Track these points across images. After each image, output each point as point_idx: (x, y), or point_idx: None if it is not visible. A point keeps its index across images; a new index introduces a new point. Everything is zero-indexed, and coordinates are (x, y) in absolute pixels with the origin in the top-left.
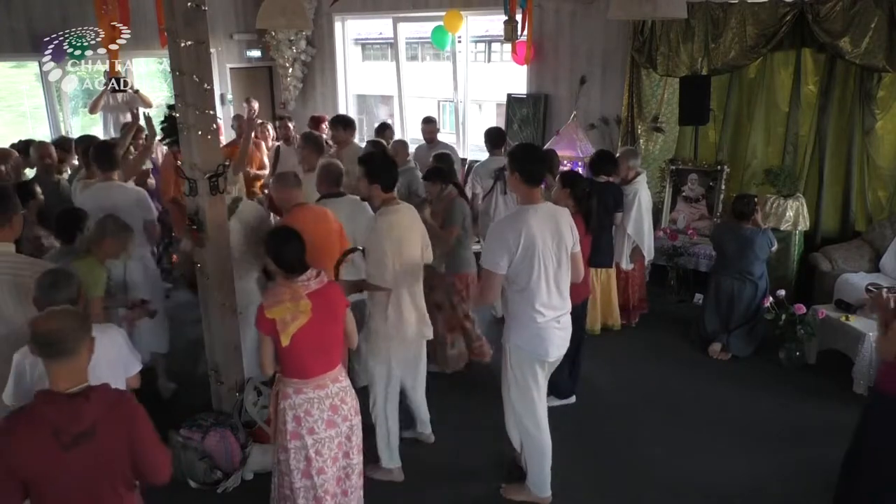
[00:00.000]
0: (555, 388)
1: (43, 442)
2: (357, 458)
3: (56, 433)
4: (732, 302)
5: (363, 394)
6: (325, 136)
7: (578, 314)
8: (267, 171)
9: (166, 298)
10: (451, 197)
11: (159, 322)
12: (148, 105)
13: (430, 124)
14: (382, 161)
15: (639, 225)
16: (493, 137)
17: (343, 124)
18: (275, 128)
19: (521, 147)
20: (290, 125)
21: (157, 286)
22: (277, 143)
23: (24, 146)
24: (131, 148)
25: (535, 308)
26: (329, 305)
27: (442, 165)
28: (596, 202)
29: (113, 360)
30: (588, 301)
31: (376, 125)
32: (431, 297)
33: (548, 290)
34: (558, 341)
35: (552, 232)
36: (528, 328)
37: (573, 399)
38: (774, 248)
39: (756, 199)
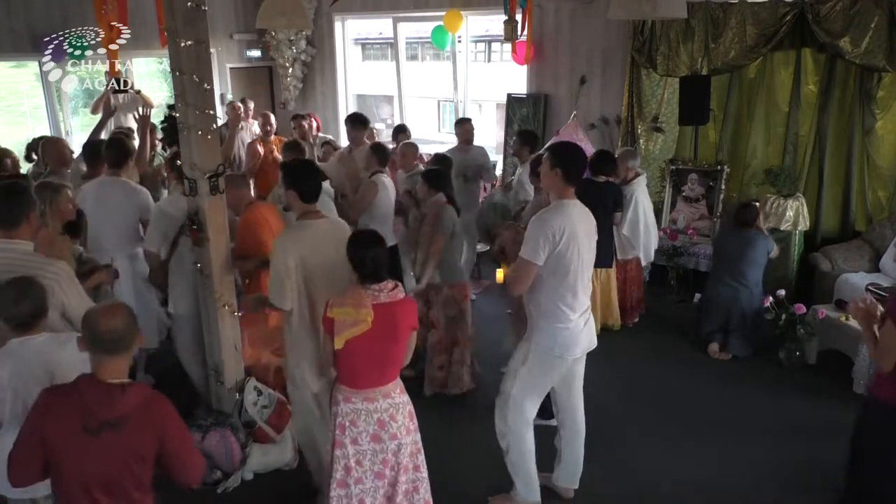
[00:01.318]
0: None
1: (70, 419)
2: (412, 476)
3: (85, 414)
4: (729, 309)
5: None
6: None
7: None
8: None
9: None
10: (440, 204)
11: (150, 318)
12: (149, 106)
13: (466, 124)
14: (303, 167)
15: (634, 226)
16: (532, 140)
17: (351, 122)
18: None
19: (564, 145)
20: (304, 123)
21: (146, 285)
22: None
23: (36, 144)
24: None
25: (570, 304)
26: (392, 322)
27: (442, 168)
28: (592, 204)
29: (80, 370)
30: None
31: (393, 126)
32: (428, 315)
33: (583, 286)
34: (585, 337)
35: (586, 228)
36: (562, 328)
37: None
38: (773, 253)
39: (758, 206)
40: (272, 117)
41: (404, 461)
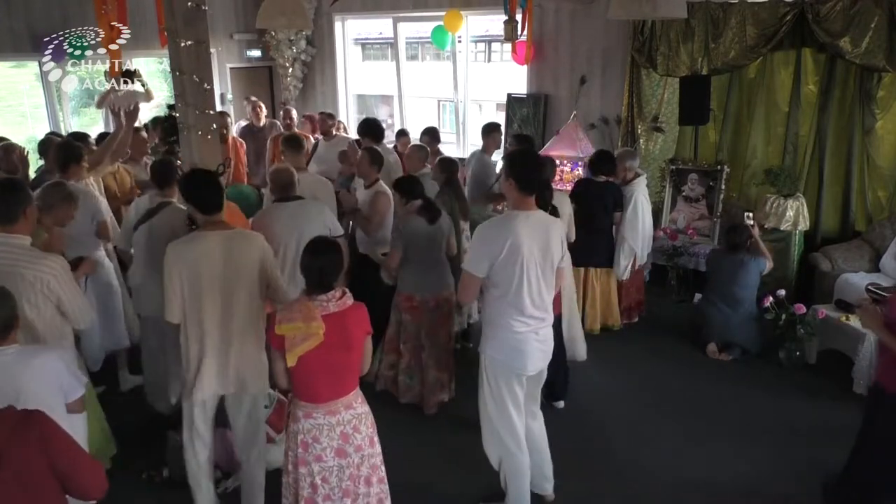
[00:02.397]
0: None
1: None
2: (376, 489)
3: None
4: (723, 330)
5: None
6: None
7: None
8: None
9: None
10: (408, 213)
11: (115, 319)
12: (150, 98)
13: (498, 130)
14: (196, 179)
15: (633, 226)
16: (528, 144)
17: (363, 132)
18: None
19: (519, 153)
20: (330, 121)
21: (111, 283)
22: (318, 137)
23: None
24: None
25: (515, 317)
26: (345, 331)
27: (415, 176)
28: (592, 204)
29: (48, 385)
30: (560, 318)
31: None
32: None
33: (530, 300)
34: (538, 354)
35: (540, 241)
36: (507, 339)
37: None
38: (766, 270)
39: (752, 224)
40: (293, 112)
41: (370, 474)
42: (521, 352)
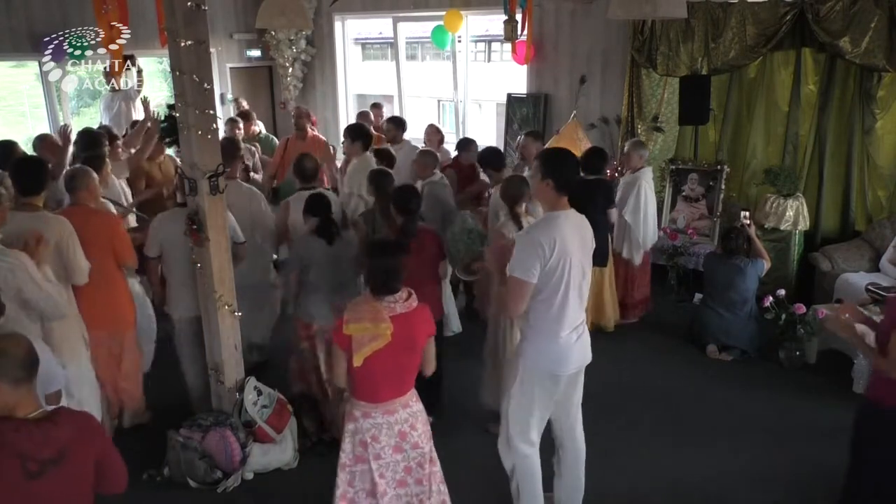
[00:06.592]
0: None
1: (8, 470)
2: (434, 487)
3: (23, 461)
4: (722, 335)
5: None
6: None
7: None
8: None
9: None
10: (307, 231)
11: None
12: (142, 83)
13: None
14: (19, 164)
15: (635, 215)
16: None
17: (395, 125)
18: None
19: (556, 153)
20: (396, 129)
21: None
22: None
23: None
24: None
25: (560, 322)
26: (411, 332)
27: (321, 194)
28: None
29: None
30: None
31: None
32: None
33: (575, 301)
34: (578, 353)
35: (580, 241)
36: (551, 343)
37: None
38: (763, 272)
39: (748, 223)
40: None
41: (430, 470)
42: (566, 355)
